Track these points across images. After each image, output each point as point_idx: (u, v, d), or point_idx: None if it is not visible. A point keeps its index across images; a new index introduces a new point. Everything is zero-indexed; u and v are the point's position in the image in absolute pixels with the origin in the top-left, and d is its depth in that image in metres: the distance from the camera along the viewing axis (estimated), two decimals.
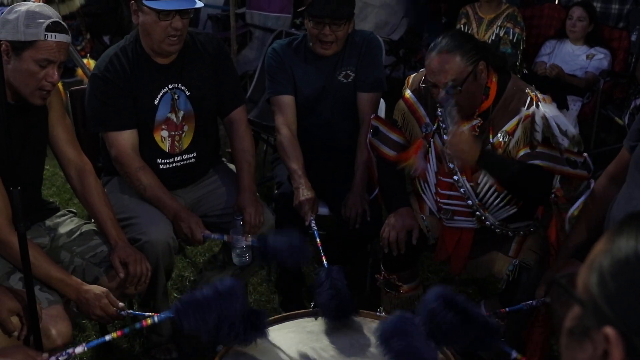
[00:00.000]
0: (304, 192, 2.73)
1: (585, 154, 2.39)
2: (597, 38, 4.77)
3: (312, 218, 2.67)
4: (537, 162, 2.32)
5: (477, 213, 2.46)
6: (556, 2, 5.58)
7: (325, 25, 2.82)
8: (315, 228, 2.62)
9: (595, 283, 0.85)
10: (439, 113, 2.48)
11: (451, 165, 2.45)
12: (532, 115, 2.31)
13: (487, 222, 2.47)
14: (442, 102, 2.33)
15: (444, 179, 2.50)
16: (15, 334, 1.98)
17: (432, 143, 2.51)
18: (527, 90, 2.40)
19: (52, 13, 2.15)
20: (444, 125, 2.45)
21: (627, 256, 0.84)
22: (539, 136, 2.30)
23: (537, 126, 2.29)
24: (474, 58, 2.32)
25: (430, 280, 3.33)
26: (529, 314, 2.37)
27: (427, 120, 2.53)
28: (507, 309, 2.26)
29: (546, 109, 2.32)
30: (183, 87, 2.66)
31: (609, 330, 0.81)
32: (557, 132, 2.29)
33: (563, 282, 0.90)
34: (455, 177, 2.44)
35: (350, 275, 2.41)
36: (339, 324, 2.17)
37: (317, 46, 2.89)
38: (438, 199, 2.53)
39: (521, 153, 2.34)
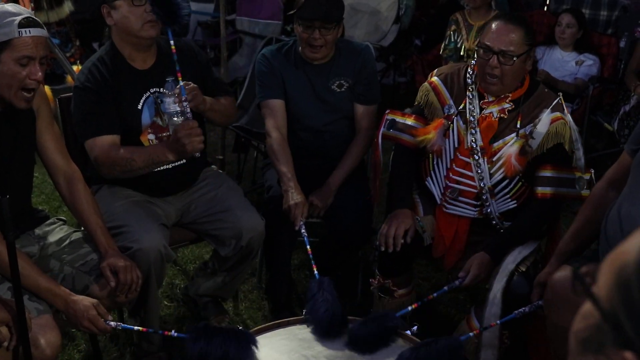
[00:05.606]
0: (293, 196, 2.72)
1: (592, 170, 2.52)
2: (586, 44, 4.79)
3: (302, 223, 2.66)
4: (548, 189, 2.45)
5: (483, 197, 2.52)
6: (545, 9, 5.62)
7: (315, 29, 2.82)
8: (306, 234, 2.61)
9: (618, 290, 0.77)
10: (469, 95, 2.56)
11: (473, 145, 2.52)
12: (564, 119, 2.46)
13: (488, 210, 2.52)
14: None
15: (461, 157, 2.56)
16: (5, 344, 1.95)
17: (454, 121, 2.58)
18: (559, 95, 2.52)
19: (23, 10, 2.11)
20: (472, 107, 2.55)
21: None
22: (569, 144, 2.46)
23: (572, 132, 2.46)
24: (531, 41, 2.45)
25: (422, 287, 3.32)
26: (527, 320, 2.37)
27: (451, 102, 2.60)
28: (498, 321, 2.25)
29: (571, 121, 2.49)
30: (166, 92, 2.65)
31: (629, 356, 0.75)
32: (579, 144, 2.46)
33: (587, 282, 0.81)
34: (477, 156, 2.52)
35: (342, 281, 2.40)
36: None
37: (307, 50, 2.89)
38: (450, 175, 2.58)
39: (540, 174, 2.47)
